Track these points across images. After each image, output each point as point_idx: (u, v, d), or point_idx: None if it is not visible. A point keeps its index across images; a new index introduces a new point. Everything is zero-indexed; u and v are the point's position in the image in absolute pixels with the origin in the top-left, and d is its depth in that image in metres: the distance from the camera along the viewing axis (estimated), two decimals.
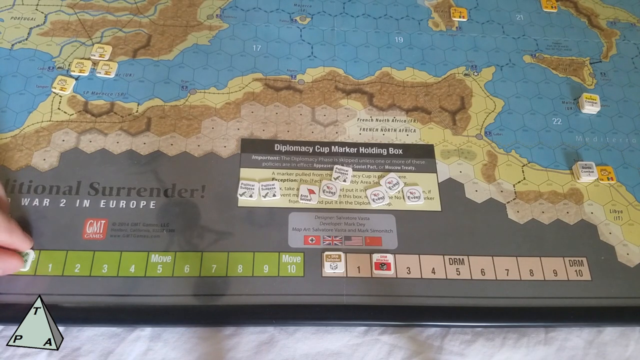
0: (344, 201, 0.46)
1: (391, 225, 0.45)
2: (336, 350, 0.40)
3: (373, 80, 0.53)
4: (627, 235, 0.46)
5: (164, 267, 0.41)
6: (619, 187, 0.49)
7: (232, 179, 0.46)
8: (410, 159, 0.49)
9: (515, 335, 0.42)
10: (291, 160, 0.47)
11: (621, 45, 0.58)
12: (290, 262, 0.42)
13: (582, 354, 0.41)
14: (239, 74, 0.52)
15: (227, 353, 0.39)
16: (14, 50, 0.51)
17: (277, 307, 0.41)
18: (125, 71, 0.51)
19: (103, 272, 0.41)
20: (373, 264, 0.43)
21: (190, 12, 0.55)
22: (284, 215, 0.44)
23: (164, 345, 0.40)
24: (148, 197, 0.44)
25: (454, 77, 0.54)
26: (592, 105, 0.53)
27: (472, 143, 0.50)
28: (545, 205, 0.47)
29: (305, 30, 0.56)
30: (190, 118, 0.49)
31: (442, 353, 0.41)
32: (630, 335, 0.42)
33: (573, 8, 0.61)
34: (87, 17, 0.54)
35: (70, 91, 0.49)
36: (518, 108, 0.53)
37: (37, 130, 0.46)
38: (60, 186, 0.44)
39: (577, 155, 0.50)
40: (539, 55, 0.57)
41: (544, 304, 0.42)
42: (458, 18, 0.58)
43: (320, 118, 0.50)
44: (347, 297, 0.41)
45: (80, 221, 0.42)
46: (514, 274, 0.43)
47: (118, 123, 0.48)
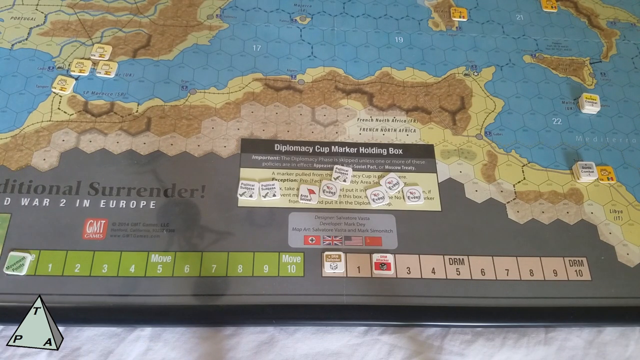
0: (344, 201, 0.46)
1: (391, 225, 0.45)
2: (336, 350, 0.40)
3: (373, 80, 0.53)
4: (627, 235, 0.46)
5: (164, 267, 0.41)
6: (619, 187, 0.49)
7: (232, 179, 0.46)
8: (410, 159, 0.49)
9: (515, 335, 0.42)
10: (291, 160, 0.47)
11: (621, 45, 0.58)
12: (290, 262, 0.42)
13: (582, 354, 0.41)
14: (239, 74, 0.52)
15: (227, 353, 0.39)
16: (14, 50, 0.51)
17: (277, 307, 0.41)
18: (125, 71, 0.51)
19: (103, 272, 0.41)
20: (373, 264, 0.43)
21: (190, 12, 0.55)
22: (284, 215, 0.44)
23: (164, 345, 0.40)
24: (148, 197, 0.44)
25: (454, 77, 0.54)
26: (592, 105, 0.53)
27: (472, 143, 0.50)
28: (545, 205, 0.47)
29: (305, 30, 0.56)
30: (190, 118, 0.49)
31: (442, 353, 0.41)
32: (630, 335, 0.42)
33: (573, 8, 0.61)
34: (87, 17, 0.54)
35: (70, 91, 0.49)
36: (518, 108, 0.53)
37: (37, 130, 0.46)
38: (60, 186, 0.44)
39: (577, 155, 0.50)
40: (539, 55, 0.57)
41: (544, 304, 0.42)
42: (458, 18, 0.58)
43: (320, 118, 0.50)
44: (347, 297, 0.41)
45: (80, 221, 0.42)
46: (514, 274, 0.43)
47: (118, 123, 0.48)
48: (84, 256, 0.41)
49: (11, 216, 0.42)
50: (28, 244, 0.41)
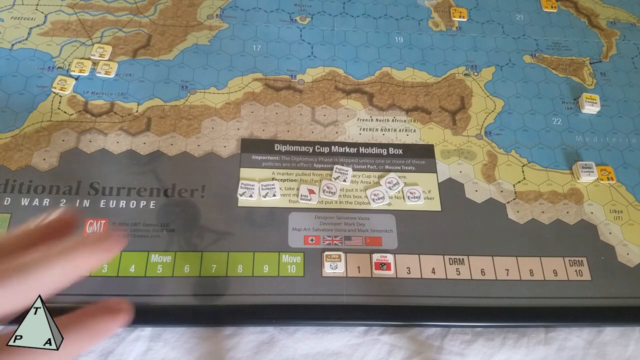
0: (344, 201, 0.46)
1: (391, 225, 0.45)
2: (336, 350, 0.40)
3: (373, 80, 0.53)
4: (627, 235, 0.46)
5: (164, 267, 0.41)
6: (619, 187, 0.49)
7: (232, 179, 0.46)
8: (410, 159, 0.49)
9: (515, 335, 0.42)
10: (291, 160, 0.47)
11: (621, 45, 0.58)
12: (290, 262, 0.42)
13: (582, 354, 0.41)
14: (239, 74, 0.52)
15: (227, 353, 0.39)
16: (14, 50, 0.51)
17: (277, 307, 0.41)
18: (125, 71, 0.51)
19: (103, 272, 0.41)
20: (373, 264, 0.43)
21: (190, 12, 0.55)
22: (284, 215, 0.44)
23: (164, 345, 0.40)
24: (148, 197, 0.44)
25: (454, 77, 0.54)
26: (592, 105, 0.53)
27: (472, 143, 0.50)
28: (545, 205, 0.47)
29: (305, 30, 0.56)
30: (190, 118, 0.49)
31: (442, 353, 0.41)
32: (630, 335, 0.42)
33: (573, 8, 0.61)
34: (87, 17, 0.54)
35: (70, 91, 0.49)
36: (518, 108, 0.53)
37: (37, 130, 0.46)
38: (60, 186, 0.44)
39: (577, 155, 0.50)
40: (539, 55, 0.57)
41: (544, 304, 0.42)
42: (458, 18, 0.58)
43: (320, 118, 0.50)
44: (347, 297, 0.41)
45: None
46: (514, 274, 0.43)
47: (118, 123, 0.48)
48: None
49: (11, 216, 0.42)
50: None
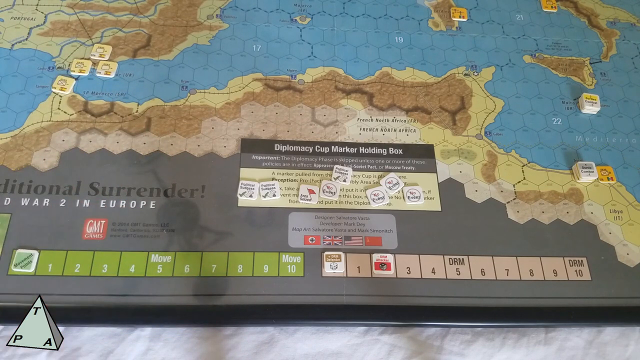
0: (344, 201, 0.46)
1: (391, 225, 0.45)
2: (336, 350, 0.40)
3: (373, 80, 0.53)
4: (627, 235, 0.46)
5: (164, 267, 0.41)
6: (619, 187, 0.49)
7: (232, 179, 0.46)
8: (410, 159, 0.49)
9: (515, 335, 0.42)
10: (291, 160, 0.47)
11: (621, 45, 0.58)
12: (290, 262, 0.42)
13: (582, 354, 0.41)
14: (239, 74, 0.52)
15: (227, 353, 0.39)
16: (14, 50, 0.51)
17: (277, 307, 0.41)
18: (125, 71, 0.51)
19: (103, 272, 0.41)
20: (373, 264, 0.43)
21: (190, 12, 0.55)
22: (284, 215, 0.44)
23: (164, 345, 0.40)
24: (148, 197, 0.44)
25: (454, 77, 0.54)
26: (592, 105, 0.53)
27: (472, 143, 0.50)
28: (545, 205, 0.47)
29: (305, 30, 0.56)
30: (190, 118, 0.49)
31: (442, 353, 0.41)
32: (630, 335, 0.42)
33: (573, 8, 0.61)
34: (87, 17, 0.54)
35: (70, 91, 0.49)
36: (518, 108, 0.53)
37: (37, 130, 0.46)
38: (60, 186, 0.44)
39: (577, 155, 0.50)
40: (539, 55, 0.57)
41: (544, 304, 0.42)
42: (458, 18, 0.58)
43: (320, 118, 0.50)
44: (347, 297, 0.41)
45: (80, 221, 0.42)
46: (514, 274, 0.43)
47: (118, 123, 0.48)
48: (84, 256, 0.41)
49: (11, 216, 0.42)
50: (28, 244, 0.41)
